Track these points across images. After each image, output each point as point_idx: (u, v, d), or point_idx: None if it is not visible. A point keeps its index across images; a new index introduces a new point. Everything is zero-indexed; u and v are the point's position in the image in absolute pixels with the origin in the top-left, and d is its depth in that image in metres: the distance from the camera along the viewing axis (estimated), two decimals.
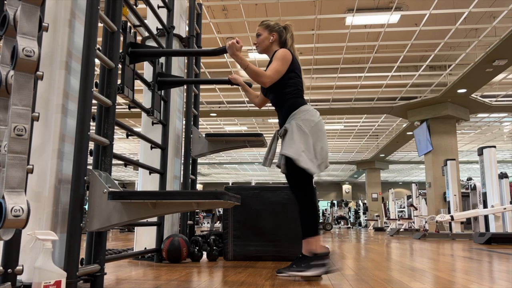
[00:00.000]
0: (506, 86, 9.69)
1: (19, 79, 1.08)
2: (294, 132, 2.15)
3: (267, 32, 2.38)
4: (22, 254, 1.34)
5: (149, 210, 1.62)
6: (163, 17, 3.04)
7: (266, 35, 2.38)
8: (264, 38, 2.38)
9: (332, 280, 1.98)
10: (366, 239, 7.23)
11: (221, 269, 2.43)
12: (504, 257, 3.40)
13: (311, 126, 2.17)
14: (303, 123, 2.17)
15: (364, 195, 23.10)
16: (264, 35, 2.38)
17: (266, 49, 2.40)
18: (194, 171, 3.40)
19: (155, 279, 1.97)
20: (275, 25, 2.40)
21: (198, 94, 3.55)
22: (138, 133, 2.36)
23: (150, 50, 2.31)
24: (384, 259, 3.16)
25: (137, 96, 2.28)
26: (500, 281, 1.99)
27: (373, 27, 7.33)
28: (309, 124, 2.18)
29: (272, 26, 2.39)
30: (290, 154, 2.11)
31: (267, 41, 2.38)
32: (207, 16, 6.90)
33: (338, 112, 11.58)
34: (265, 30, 2.39)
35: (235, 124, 13.72)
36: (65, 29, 1.64)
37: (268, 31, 2.38)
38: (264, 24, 2.40)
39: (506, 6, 6.41)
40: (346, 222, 19.53)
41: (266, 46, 2.39)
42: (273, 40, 2.37)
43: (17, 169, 1.06)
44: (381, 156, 18.64)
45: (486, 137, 14.95)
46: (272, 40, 2.37)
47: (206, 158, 19.69)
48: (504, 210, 5.82)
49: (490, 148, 6.07)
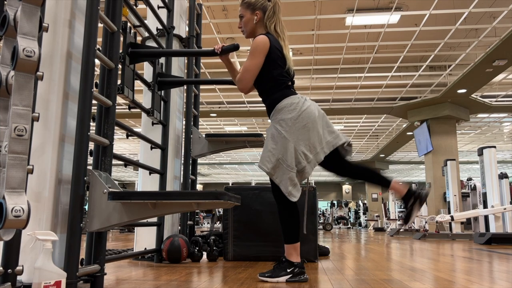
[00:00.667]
0: (506, 86, 9.69)
1: (19, 80, 1.08)
2: (269, 140, 2.00)
3: (250, 11, 2.08)
4: (22, 255, 1.34)
5: (149, 210, 1.62)
6: (163, 17, 3.04)
7: (249, 16, 2.09)
8: (248, 20, 2.09)
9: (332, 280, 1.98)
10: (366, 239, 7.23)
11: (221, 269, 2.43)
12: (504, 257, 3.39)
13: (289, 126, 1.95)
14: (281, 124, 1.97)
15: (364, 195, 23.10)
16: (247, 16, 2.09)
17: (252, 33, 2.11)
18: (194, 171, 3.40)
19: (155, 280, 1.97)
20: (257, 1, 2.07)
21: (198, 95, 3.56)
22: (138, 134, 2.36)
23: (150, 51, 2.31)
24: (384, 259, 3.16)
25: (137, 97, 2.28)
26: (500, 281, 1.99)
27: (373, 27, 7.34)
28: (287, 123, 1.96)
29: (253, 3, 2.07)
30: (264, 169, 1.98)
31: (251, 23, 2.09)
32: (207, 16, 6.90)
33: (338, 112, 11.58)
34: (247, 9, 2.09)
35: (235, 124, 13.72)
36: (65, 29, 1.64)
37: (250, 11, 2.08)
38: (245, 3, 2.10)
39: (506, 6, 6.41)
40: (346, 222, 19.52)
41: (252, 28, 2.10)
42: (258, 20, 2.08)
43: (18, 169, 1.06)
44: (381, 156, 18.64)
45: (486, 137, 14.95)
46: (256, 20, 2.08)
47: (206, 159, 19.69)
48: (504, 210, 5.82)
49: (490, 148, 6.06)
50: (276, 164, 1.96)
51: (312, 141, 1.98)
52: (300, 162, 1.96)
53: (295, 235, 2.02)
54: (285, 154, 1.95)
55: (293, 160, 1.95)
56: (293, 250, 2.00)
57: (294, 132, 1.96)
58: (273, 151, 1.97)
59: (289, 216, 2.02)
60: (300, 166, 1.97)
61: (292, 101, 2.00)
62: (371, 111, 11.49)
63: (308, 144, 1.98)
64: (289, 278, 1.93)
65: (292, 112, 1.97)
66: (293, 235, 2.02)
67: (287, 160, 1.94)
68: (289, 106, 1.99)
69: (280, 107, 2.00)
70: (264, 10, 2.07)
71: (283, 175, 1.96)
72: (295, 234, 2.02)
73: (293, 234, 2.02)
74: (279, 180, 1.97)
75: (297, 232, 2.03)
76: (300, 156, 1.96)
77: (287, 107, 1.99)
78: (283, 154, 1.95)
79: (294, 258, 1.99)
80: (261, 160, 2.01)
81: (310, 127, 1.97)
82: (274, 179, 1.98)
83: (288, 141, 1.95)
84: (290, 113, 1.97)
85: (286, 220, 2.02)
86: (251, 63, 1.98)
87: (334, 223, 18.25)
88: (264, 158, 1.99)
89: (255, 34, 2.09)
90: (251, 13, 2.08)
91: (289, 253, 2.01)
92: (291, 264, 1.97)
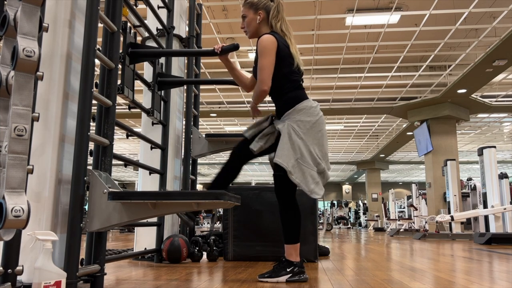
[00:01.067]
0: (506, 86, 9.69)
1: (19, 80, 1.08)
2: (286, 138, 1.95)
3: (252, 11, 2.07)
4: (22, 255, 1.34)
5: (149, 210, 1.62)
6: (163, 17, 3.04)
7: (252, 16, 2.07)
8: (251, 20, 2.07)
9: (332, 280, 1.98)
10: (366, 239, 7.23)
11: (221, 269, 2.43)
12: (504, 258, 3.39)
13: (306, 128, 1.97)
14: (298, 125, 1.96)
15: (364, 195, 23.10)
16: (250, 15, 2.07)
17: (256, 33, 2.09)
18: (194, 171, 3.40)
19: (155, 280, 1.97)
20: (260, 1, 2.06)
21: (198, 95, 3.56)
22: (138, 134, 2.36)
23: (150, 51, 2.31)
24: (384, 259, 3.16)
25: (137, 97, 2.28)
26: (500, 281, 1.99)
27: (373, 27, 7.34)
28: (305, 126, 1.97)
29: (256, 3, 2.06)
30: (285, 166, 1.92)
31: (254, 23, 2.07)
32: (207, 17, 6.90)
33: (338, 112, 11.58)
34: (249, 9, 2.07)
35: (235, 124, 13.72)
36: (65, 29, 1.64)
37: (253, 10, 2.06)
38: (248, 3, 2.08)
39: (506, 6, 6.41)
40: (346, 222, 19.52)
41: (255, 28, 2.08)
42: (261, 20, 2.06)
43: (18, 169, 1.06)
44: (381, 156, 18.64)
45: (486, 137, 14.95)
46: (259, 20, 2.06)
47: (206, 159, 19.68)
48: (504, 210, 5.82)
49: (490, 148, 6.07)
50: (295, 163, 1.93)
51: (325, 148, 2.04)
52: (318, 163, 1.98)
53: (296, 236, 2.02)
54: (302, 154, 1.94)
55: (310, 160, 1.96)
56: (293, 251, 2.00)
57: (311, 135, 1.98)
58: (292, 151, 1.94)
59: (292, 217, 2.02)
60: (320, 168, 1.99)
61: (311, 105, 2.03)
62: (371, 111, 11.49)
63: (321, 150, 2.01)
64: (289, 278, 1.93)
65: (311, 116, 1.99)
66: (294, 235, 2.02)
67: (306, 160, 1.94)
68: (309, 109, 2.00)
69: (299, 107, 2.00)
70: (267, 10, 2.06)
71: (303, 174, 1.93)
72: (296, 235, 2.02)
73: (294, 234, 2.02)
74: (300, 179, 1.93)
75: (298, 233, 2.03)
76: (317, 157, 1.97)
77: (307, 109, 2.00)
78: (301, 154, 1.94)
79: (293, 258, 1.99)
80: (279, 157, 1.94)
81: (324, 134, 2.03)
82: (294, 178, 1.93)
83: (305, 142, 1.96)
84: (309, 117, 1.98)
85: (288, 221, 2.02)
86: (265, 61, 1.95)
87: (334, 223, 18.25)
88: (283, 155, 1.94)
89: (259, 34, 2.06)
90: (254, 12, 2.06)
91: (289, 253, 2.01)
92: (290, 264, 1.98)
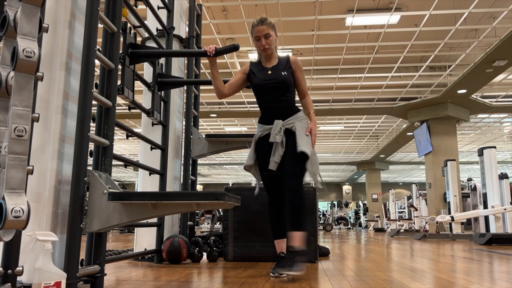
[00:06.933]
0: (506, 86, 9.69)
1: (19, 80, 1.08)
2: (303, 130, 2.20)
3: (274, 32, 2.23)
4: (22, 255, 1.34)
5: (149, 211, 1.62)
6: (163, 18, 3.05)
7: (274, 36, 2.23)
8: (273, 39, 2.23)
9: (332, 280, 1.98)
10: (366, 239, 7.22)
11: (221, 270, 2.43)
12: (505, 258, 3.39)
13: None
14: (304, 124, 2.27)
15: (364, 195, 23.09)
16: (273, 35, 2.23)
17: (274, 50, 2.29)
18: (194, 171, 3.40)
19: (155, 280, 1.97)
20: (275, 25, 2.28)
21: (198, 95, 3.56)
22: (138, 134, 2.36)
23: (150, 51, 2.31)
24: (384, 259, 3.16)
25: (137, 97, 2.28)
26: (501, 281, 1.99)
27: (373, 27, 7.34)
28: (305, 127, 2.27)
29: (274, 25, 2.24)
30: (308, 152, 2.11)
31: (274, 42, 2.25)
32: (207, 17, 6.91)
33: (338, 112, 11.58)
34: (272, 29, 2.22)
35: (235, 125, 13.72)
36: (65, 30, 1.64)
37: (274, 31, 2.24)
38: (270, 23, 2.21)
39: (506, 6, 6.41)
40: (346, 223, 19.51)
41: (274, 47, 2.28)
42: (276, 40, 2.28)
43: (18, 170, 1.06)
44: (381, 156, 18.64)
45: (486, 137, 14.95)
46: (276, 40, 2.28)
47: (206, 159, 19.69)
48: (504, 211, 5.82)
49: (490, 149, 6.06)
50: (313, 151, 2.16)
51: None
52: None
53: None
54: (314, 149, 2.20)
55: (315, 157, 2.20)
56: (305, 237, 2.13)
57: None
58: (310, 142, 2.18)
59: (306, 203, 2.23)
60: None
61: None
62: (371, 111, 11.49)
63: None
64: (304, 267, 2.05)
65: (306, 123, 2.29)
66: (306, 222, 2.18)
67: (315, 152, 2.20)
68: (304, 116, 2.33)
69: (302, 115, 2.30)
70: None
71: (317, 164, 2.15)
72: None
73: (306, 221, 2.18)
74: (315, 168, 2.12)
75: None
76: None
77: (304, 116, 2.32)
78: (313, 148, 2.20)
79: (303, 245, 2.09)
80: (303, 146, 2.12)
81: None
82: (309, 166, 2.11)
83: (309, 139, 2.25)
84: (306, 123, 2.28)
85: (305, 207, 2.13)
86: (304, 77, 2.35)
87: (334, 223, 18.24)
88: (305, 144, 2.13)
89: (274, 52, 2.30)
90: (275, 33, 2.26)
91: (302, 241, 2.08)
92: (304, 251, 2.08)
